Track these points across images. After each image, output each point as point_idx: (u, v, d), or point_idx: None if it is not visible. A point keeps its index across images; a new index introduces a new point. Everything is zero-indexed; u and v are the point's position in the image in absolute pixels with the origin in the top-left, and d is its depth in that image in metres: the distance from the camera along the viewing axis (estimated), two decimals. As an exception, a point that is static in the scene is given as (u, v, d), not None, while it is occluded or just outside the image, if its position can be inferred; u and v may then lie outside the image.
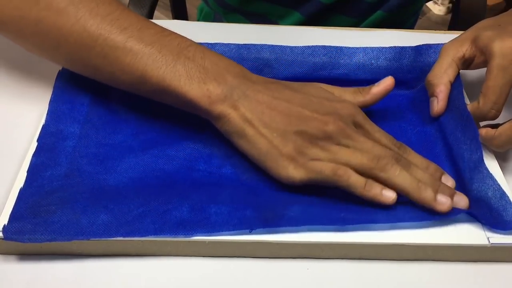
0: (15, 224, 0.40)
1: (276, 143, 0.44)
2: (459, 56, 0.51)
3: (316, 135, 0.44)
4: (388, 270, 0.42)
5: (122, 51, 0.46)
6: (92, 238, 0.40)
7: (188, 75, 0.45)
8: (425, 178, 0.44)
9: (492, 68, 0.47)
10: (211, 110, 0.45)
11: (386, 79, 0.50)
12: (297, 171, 0.44)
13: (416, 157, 0.46)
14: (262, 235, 0.41)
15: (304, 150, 0.44)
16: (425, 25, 1.95)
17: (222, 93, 0.45)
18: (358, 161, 0.43)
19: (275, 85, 0.47)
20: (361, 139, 0.45)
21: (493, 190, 0.44)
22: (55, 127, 0.48)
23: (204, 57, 0.46)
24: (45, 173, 0.45)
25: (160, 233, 0.41)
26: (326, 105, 0.46)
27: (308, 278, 0.42)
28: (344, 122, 0.45)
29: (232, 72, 0.46)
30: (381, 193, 0.43)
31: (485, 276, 0.42)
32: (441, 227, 0.43)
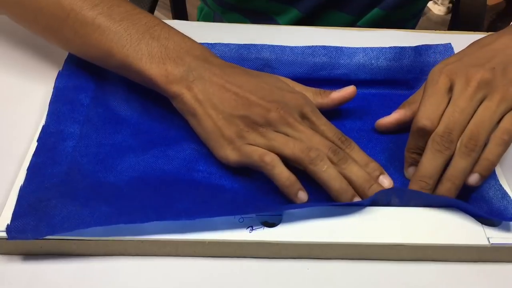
0: (18, 222, 0.40)
1: (220, 125, 0.46)
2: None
3: (258, 121, 0.46)
4: (388, 270, 0.42)
5: (91, 27, 0.49)
6: (94, 226, 0.40)
7: (149, 54, 0.48)
8: (358, 175, 0.44)
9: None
10: (167, 89, 0.48)
11: (349, 87, 0.52)
12: (232, 153, 0.46)
13: (358, 153, 0.47)
14: (262, 235, 0.41)
15: (243, 134, 0.46)
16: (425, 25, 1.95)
17: (179, 74, 0.47)
18: (290, 150, 0.44)
19: (233, 70, 0.49)
20: (302, 129, 0.46)
21: (494, 190, 0.44)
22: (55, 128, 0.49)
23: (168, 38, 0.49)
24: (45, 172, 0.45)
25: (162, 218, 0.41)
26: (275, 93, 0.48)
27: (308, 278, 0.42)
28: (288, 111, 0.46)
29: (192, 54, 0.49)
30: (296, 193, 0.44)
31: (485, 276, 0.42)
32: (441, 227, 0.43)
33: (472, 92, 0.45)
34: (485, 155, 0.44)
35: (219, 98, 0.47)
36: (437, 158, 0.44)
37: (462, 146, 0.44)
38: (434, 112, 0.45)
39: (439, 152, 0.44)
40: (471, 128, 0.44)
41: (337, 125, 0.52)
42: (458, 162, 0.44)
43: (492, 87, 0.45)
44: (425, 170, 0.45)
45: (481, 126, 0.44)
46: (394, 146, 0.51)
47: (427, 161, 0.44)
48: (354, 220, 0.43)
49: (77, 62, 0.54)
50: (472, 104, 0.44)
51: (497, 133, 0.44)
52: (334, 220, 0.43)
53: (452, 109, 0.45)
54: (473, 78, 0.45)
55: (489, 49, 0.48)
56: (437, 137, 0.44)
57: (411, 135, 0.47)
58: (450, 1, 2.03)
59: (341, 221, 0.43)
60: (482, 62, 0.47)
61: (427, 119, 0.45)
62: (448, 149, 0.44)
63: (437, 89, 0.46)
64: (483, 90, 0.45)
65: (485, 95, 0.45)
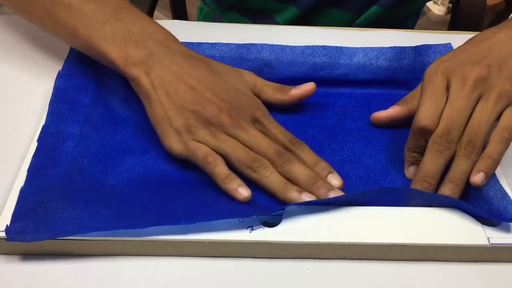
0: (18, 224, 0.40)
1: (170, 114, 0.47)
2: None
3: (209, 119, 0.46)
4: (388, 270, 0.42)
5: (59, 6, 0.51)
6: (94, 231, 0.40)
7: (113, 36, 0.49)
8: (303, 174, 0.45)
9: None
10: (125, 71, 0.49)
11: (308, 84, 0.52)
12: (178, 145, 0.46)
13: (308, 154, 0.47)
14: (262, 235, 0.41)
15: (192, 129, 0.46)
16: (425, 25, 1.95)
17: (139, 57, 0.48)
18: (236, 157, 0.45)
19: (196, 62, 0.49)
20: (251, 132, 0.47)
21: (494, 190, 0.44)
22: (55, 128, 0.48)
23: (134, 21, 0.50)
24: (45, 172, 0.45)
25: (162, 223, 0.41)
26: (230, 94, 0.48)
27: (308, 278, 0.42)
28: (240, 113, 0.47)
29: (156, 39, 0.49)
30: (236, 189, 0.44)
31: (485, 276, 0.42)
32: (441, 228, 0.42)
33: (468, 91, 0.45)
34: (487, 153, 0.44)
35: (174, 88, 0.47)
36: (438, 158, 0.45)
37: (462, 149, 0.44)
38: (433, 112, 0.45)
39: (439, 152, 0.44)
40: (469, 131, 0.44)
41: (338, 125, 0.52)
42: (459, 165, 0.44)
43: (488, 85, 0.45)
44: (427, 170, 0.45)
45: (478, 128, 0.44)
46: (394, 146, 0.51)
47: (429, 161, 0.45)
48: (355, 220, 0.43)
49: (77, 61, 0.54)
50: (469, 102, 0.45)
51: (498, 131, 0.44)
52: (335, 220, 0.43)
53: (450, 108, 0.45)
54: (469, 76, 0.45)
55: (485, 46, 0.48)
56: (437, 138, 0.45)
57: (412, 135, 0.47)
58: (450, 1, 2.02)
59: (341, 221, 0.43)
60: (478, 59, 0.47)
61: (427, 119, 0.45)
62: (448, 149, 0.44)
63: (434, 88, 0.46)
64: (479, 88, 0.45)
65: (481, 93, 0.45)
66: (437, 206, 0.44)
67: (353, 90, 0.56)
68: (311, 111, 0.54)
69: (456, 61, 0.47)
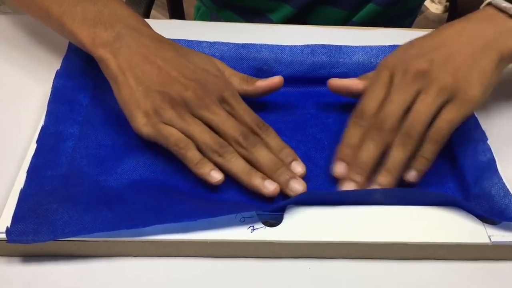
0: (18, 226, 0.40)
1: (137, 96, 0.47)
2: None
3: (175, 98, 0.46)
4: (389, 269, 0.42)
5: None
6: (96, 232, 0.40)
7: (83, 17, 0.49)
8: (267, 158, 0.46)
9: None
10: (92, 51, 0.49)
11: (275, 77, 0.52)
12: (146, 127, 0.46)
13: (274, 139, 0.48)
14: (264, 235, 0.41)
15: (159, 110, 0.46)
16: (422, 23, 1.95)
17: (106, 38, 0.48)
18: (203, 140, 0.46)
19: (162, 44, 0.50)
20: (217, 112, 0.47)
21: (497, 189, 0.44)
22: (54, 128, 0.48)
23: (106, 4, 0.50)
24: (45, 174, 0.44)
25: (164, 221, 0.41)
26: (197, 73, 0.48)
27: (309, 278, 0.42)
28: (206, 92, 0.47)
29: (125, 22, 0.49)
30: (209, 173, 0.45)
31: (486, 275, 0.42)
32: (442, 226, 0.43)
33: (407, 84, 0.46)
34: (421, 152, 0.46)
35: (141, 70, 0.47)
36: (372, 146, 0.46)
37: (398, 139, 0.46)
38: (374, 103, 0.47)
39: (373, 140, 0.46)
40: (406, 123, 0.45)
41: (338, 122, 0.52)
42: (393, 154, 0.46)
43: (429, 79, 0.46)
44: (361, 156, 0.46)
45: (416, 119, 0.45)
46: None
47: (364, 149, 0.46)
48: (356, 219, 0.43)
49: (75, 60, 0.54)
50: (407, 95, 0.46)
51: (431, 132, 0.46)
52: (336, 220, 0.43)
53: (388, 100, 0.47)
54: (409, 70, 0.46)
55: (436, 39, 0.49)
56: (372, 127, 0.46)
57: (349, 126, 0.48)
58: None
59: (342, 220, 0.43)
60: (424, 52, 0.48)
61: (367, 107, 0.47)
62: (383, 138, 0.46)
63: (377, 82, 0.48)
64: (419, 81, 0.46)
65: (422, 87, 0.46)
66: (439, 205, 0.44)
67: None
68: (311, 110, 0.54)
69: (403, 55, 0.49)
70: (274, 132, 0.48)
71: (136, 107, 0.47)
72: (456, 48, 0.48)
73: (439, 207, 0.44)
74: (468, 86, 0.46)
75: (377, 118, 0.46)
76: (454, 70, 0.46)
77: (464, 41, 0.48)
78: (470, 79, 0.46)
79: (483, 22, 0.50)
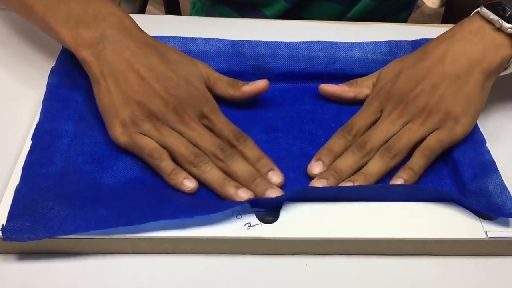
0: (14, 224, 0.40)
1: (117, 104, 0.47)
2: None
3: (154, 112, 0.46)
4: (386, 265, 0.42)
5: None
6: (92, 230, 0.40)
7: (67, 16, 0.49)
8: (243, 170, 0.46)
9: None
10: (76, 52, 0.48)
11: (260, 81, 0.52)
12: (123, 136, 0.46)
13: (252, 150, 0.48)
14: (260, 231, 0.41)
15: (137, 121, 0.46)
16: (419, 18, 1.95)
17: (89, 39, 0.48)
18: (179, 151, 0.46)
19: (148, 49, 0.49)
20: (195, 128, 0.47)
21: (494, 185, 0.44)
22: (50, 125, 0.48)
23: (89, 1, 0.49)
24: (40, 171, 0.44)
25: (160, 218, 0.41)
26: (180, 87, 0.48)
27: (307, 274, 0.42)
28: (186, 109, 0.47)
29: (110, 21, 0.49)
30: (182, 182, 0.45)
31: (483, 270, 0.43)
32: (439, 222, 0.43)
33: (395, 117, 0.49)
34: (408, 165, 0.47)
35: (123, 77, 0.47)
36: (350, 157, 0.47)
37: (380, 151, 0.48)
38: (362, 123, 0.50)
39: (353, 153, 0.47)
40: (388, 142, 0.48)
41: (334, 120, 0.52)
42: (371, 162, 0.47)
43: (417, 112, 0.48)
44: (337, 163, 0.47)
45: (397, 140, 0.48)
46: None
47: (342, 158, 0.48)
48: (352, 215, 0.43)
49: (70, 57, 0.54)
50: (393, 127, 0.49)
51: (421, 148, 0.48)
52: (332, 216, 0.43)
53: (375, 126, 0.50)
54: (398, 105, 0.49)
55: (420, 68, 0.50)
56: (354, 144, 0.48)
57: (335, 135, 0.50)
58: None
59: (339, 216, 0.43)
60: (411, 86, 0.49)
61: (355, 124, 0.50)
62: (362, 154, 0.47)
63: (369, 110, 0.51)
64: (406, 115, 0.49)
65: (409, 119, 0.49)
66: (436, 201, 0.44)
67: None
68: (307, 107, 0.54)
69: (392, 89, 0.50)
70: (252, 143, 0.48)
71: (114, 116, 0.47)
72: (439, 79, 0.49)
73: (436, 203, 0.44)
74: (456, 117, 0.48)
75: (362, 137, 0.49)
76: (440, 103, 0.48)
77: (448, 67, 0.49)
78: (456, 111, 0.48)
79: (469, 38, 0.50)
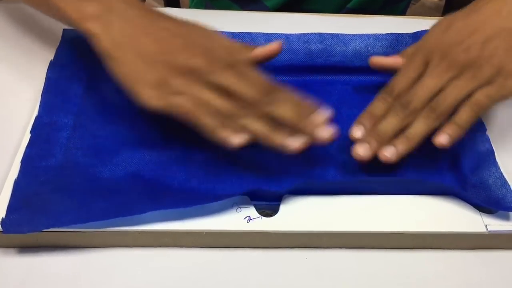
0: (13, 216, 0.40)
1: (140, 69, 0.44)
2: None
3: (183, 67, 0.43)
4: (386, 258, 0.42)
5: None
6: (91, 221, 0.40)
7: None
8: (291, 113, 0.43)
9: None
10: (81, 26, 0.45)
11: (273, 43, 0.49)
12: (155, 100, 0.43)
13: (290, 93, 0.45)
14: (260, 225, 0.41)
15: (167, 80, 0.43)
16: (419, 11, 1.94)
17: (96, 11, 0.45)
18: (218, 106, 0.43)
19: (158, 14, 0.47)
20: (230, 76, 0.44)
21: (494, 178, 0.44)
22: (49, 118, 0.48)
23: None
24: (39, 164, 0.44)
25: (159, 207, 0.40)
26: (203, 37, 0.46)
27: (306, 268, 0.42)
28: (214, 58, 0.44)
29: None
30: (227, 136, 0.43)
31: (483, 263, 0.43)
32: (439, 216, 0.42)
33: (441, 70, 0.46)
34: (454, 120, 0.45)
35: (140, 41, 0.44)
36: (393, 120, 0.45)
37: (423, 112, 0.45)
38: (403, 82, 0.47)
39: (396, 115, 0.45)
40: (433, 101, 0.45)
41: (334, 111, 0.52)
42: (415, 124, 0.45)
43: (465, 67, 0.45)
44: (381, 127, 0.45)
45: (443, 99, 0.45)
46: None
47: (384, 121, 0.46)
48: (352, 209, 0.43)
49: (68, 50, 0.53)
50: (439, 81, 0.45)
51: (468, 102, 0.45)
52: (332, 209, 0.42)
53: (419, 82, 0.46)
54: (445, 57, 0.46)
55: (474, 20, 0.47)
56: (397, 103, 0.46)
57: (377, 98, 0.48)
58: (444, -14, 2.01)
59: (339, 210, 0.42)
60: (462, 37, 0.46)
61: (395, 87, 0.47)
62: (406, 116, 0.45)
63: (412, 64, 0.48)
64: (454, 70, 0.45)
65: (457, 75, 0.45)
66: (436, 194, 0.44)
67: (350, 77, 0.56)
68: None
69: (440, 39, 0.48)
70: (289, 90, 0.45)
71: (139, 81, 0.43)
72: (494, 32, 0.46)
73: (436, 196, 0.44)
74: (508, 73, 0.45)
75: (405, 97, 0.46)
76: (491, 58, 0.45)
77: (503, 21, 0.46)
78: (510, 67, 0.45)
79: None
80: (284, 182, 0.46)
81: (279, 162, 0.47)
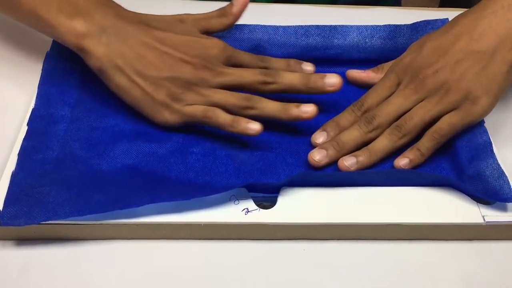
0: (10, 209, 0.40)
1: (149, 91, 0.46)
2: None
3: (189, 80, 0.46)
4: (384, 250, 0.43)
5: None
6: (89, 214, 0.40)
7: (58, 8, 0.46)
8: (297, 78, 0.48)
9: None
10: (78, 48, 0.46)
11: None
12: (171, 116, 0.47)
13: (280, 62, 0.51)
14: (258, 217, 0.41)
15: (177, 96, 0.46)
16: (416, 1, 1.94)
17: (88, 32, 0.46)
18: (230, 102, 0.46)
19: (146, 27, 0.48)
20: (231, 72, 0.48)
21: (491, 169, 0.44)
22: (45, 111, 0.48)
23: None
24: (36, 157, 0.44)
25: (157, 200, 0.41)
26: (194, 44, 0.48)
27: (304, 259, 0.42)
28: (213, 60, 0.48)
29: (102, 11, 0.47)
30: (246, 127, 0.45)
31: (480, 254, 0.43)
32: (436, 207, 0.43)
33: (410, 91, 0.47)
34: (416, 146, 0.46)
35: (141, 63, 0.46)
36: (355, 132, 0.47)
37: (388, 129, 0.47)
38: (375, 99, 0.49)
39: (358, 128, 0.47)
40: (399, 120, 0.47)
41: (332, 105, 0.52)
42: (379, 140, 0.47)
43: (433, 89, 0.46)
44: (342, 136, 0.47)
45: (409, 119, 0.46)
46: None
47: (346, 131, 0.47)
48: (350, 200, 0.43)
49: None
50: (407, 101, 0.47)
51: (431, 130, 0.46)
52: (330, 201, 0.43)
53: (387, 100, 0.48)
54: (415, 79, 0.47)
55: (446, 41, 0.48)
56: (362, 118, 0.48)
57: (346, 110, 0.49)
58: (441, -23, 2.01)
59: (336, 202, 0.43)
60: (432, 60, 0.47)
61: (366, 100, 0.49)
62: (368, 129, 0.47)
63: (384, 83, 0.49)
64: (423, 91, 0.47)
65: (425, 96, 0.47)
66: (433, 185, 0.44)
67: (348, 69, 0.56)
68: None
69: (412, 61, 0.48)
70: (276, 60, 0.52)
71: (153, 103, 0.46)
72: (464, 54, 0.46)
73: (433, 187, 0.44)
74: (475, 98, 0.46)
75: (371, 112, 0.48)
76: (460, 81, 0.46)
77: (474, 44, 0.46)
78: (477, 91, 0.45)
79: (500, 13, 0.46)
80: (282, 174, 0.46)
81: (276, 155, 0.47)
